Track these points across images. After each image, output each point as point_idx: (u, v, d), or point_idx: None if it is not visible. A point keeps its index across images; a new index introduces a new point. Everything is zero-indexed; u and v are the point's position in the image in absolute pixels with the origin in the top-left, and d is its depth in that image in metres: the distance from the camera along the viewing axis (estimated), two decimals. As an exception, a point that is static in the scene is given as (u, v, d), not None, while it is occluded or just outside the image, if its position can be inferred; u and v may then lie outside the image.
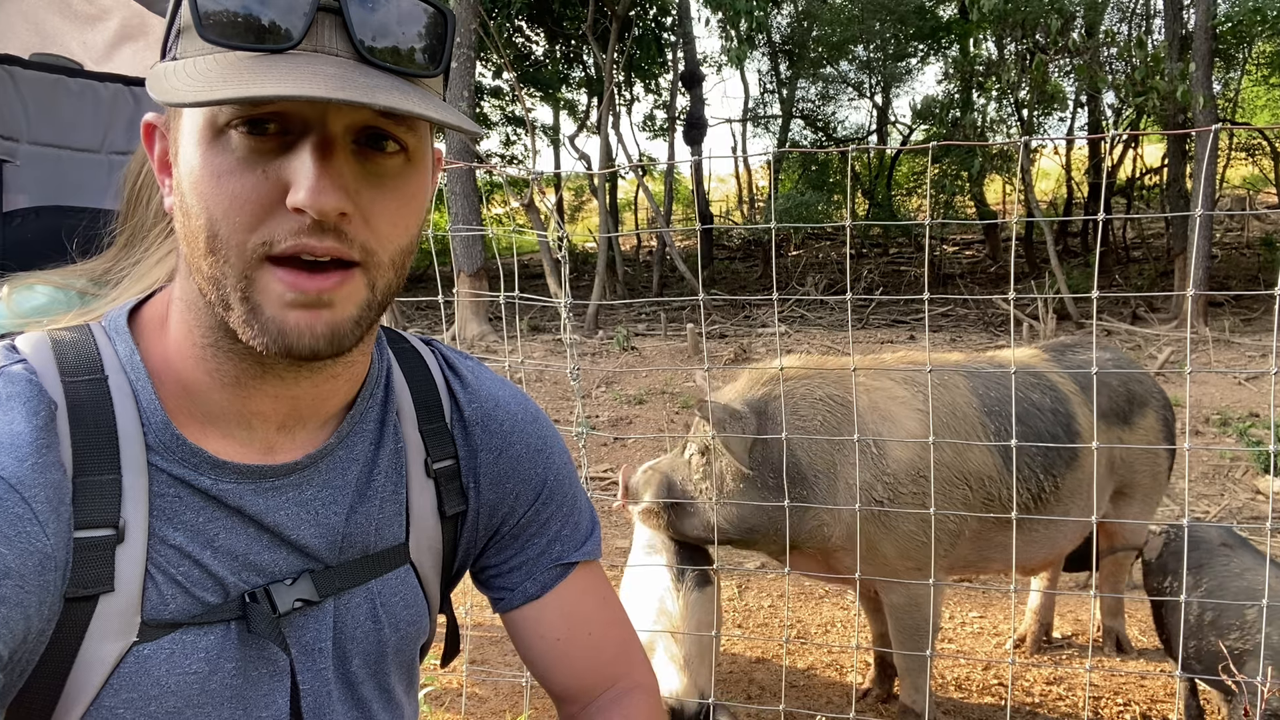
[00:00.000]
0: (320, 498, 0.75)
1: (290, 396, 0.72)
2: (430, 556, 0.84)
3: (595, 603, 0.92)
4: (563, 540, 0.90)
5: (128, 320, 0.72)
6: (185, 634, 0.69)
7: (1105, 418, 3.23)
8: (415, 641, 0.85)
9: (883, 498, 2.75)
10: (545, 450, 0.90)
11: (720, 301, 12.46)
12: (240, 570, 0.71)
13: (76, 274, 0.83)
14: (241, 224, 0.61)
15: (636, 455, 6.75)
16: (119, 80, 1.30)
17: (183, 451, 0.69)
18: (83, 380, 0.68)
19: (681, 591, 2.80)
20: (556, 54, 18.52)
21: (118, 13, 1.36)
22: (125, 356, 0.70)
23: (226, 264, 0.62)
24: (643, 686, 0.95)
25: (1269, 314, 10.57)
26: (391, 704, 0.84)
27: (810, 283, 14.11)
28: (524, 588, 0.89)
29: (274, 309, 0.62)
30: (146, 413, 0.69)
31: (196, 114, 0.62)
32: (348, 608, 0.78)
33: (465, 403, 0.86)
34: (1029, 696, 3.31)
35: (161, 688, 0.68)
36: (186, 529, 0.69)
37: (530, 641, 0.90)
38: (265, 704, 0.73)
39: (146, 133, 0.70)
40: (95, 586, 0.65)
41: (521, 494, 0.88)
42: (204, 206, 0.62)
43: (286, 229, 0.61)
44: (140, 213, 0.80)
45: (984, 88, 14.79)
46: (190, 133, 0.63)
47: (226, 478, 0.70)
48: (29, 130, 1.20)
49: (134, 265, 0.78)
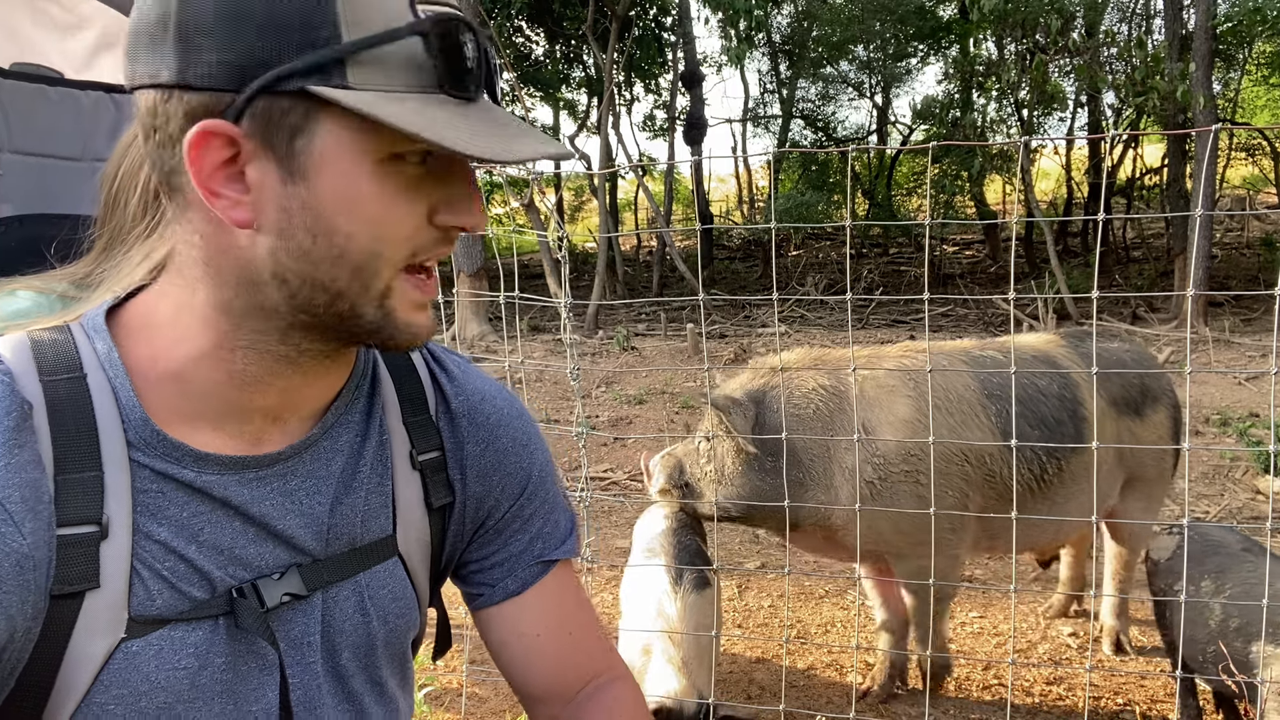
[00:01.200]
0: (305, 488, 0.75)
1: (295, 388, 0.73)
2: (418, 549, 0.84)
3: (573, 601, 0.93)
4: (544, 538, 0.91)
5: (106, 319, 0.72)
6: (173, 630, 0.69)
7: (1116, 405, 3.26)
8: (405, 635, 0.85)
9: (873, 479, 2.92)
10: (530, 445, 0.91)
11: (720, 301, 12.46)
12: (227, 565, 0.72)
13: (57, 278, 0.83)
14: (401, 242, 0.67)
15: (636, 455, 6.75)
16: (100, 88, 1.30)
17: (164, 446, 0.69)
18: (62, 379, 0.68)
19: (680, 594, 2.81)
20: (556, 54, 18.52)
21: (97, 21, 1.36)
22: (104, 354, 0.70)
23: (375, 278, 0.67)
24: (623, 677, 0.96)
25: (1269, 314, 10.57)
26: (384, 697, 0.84)
27: (810, 283, 14.11)
28: (504, 584, 0.89)
29: (406, 313, 0.69)
30: (126, 409, 0.69)
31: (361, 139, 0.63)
32: (336, 601, 0.78)
33: (452, 395, 0.87)
34: (1029, 696, 3.31)
35: (151, 684, 0.68)
36: (171, 524, 0.69)
37: (507, 639, 0.90)
38: (255, 698, 0.74)
39: (204, 139, 0.63)
40: (80, 583, 0.66)
41: (507, 488, 0.89)
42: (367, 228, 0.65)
43: (432, 242, 0.68)
44: (119, 215, 0.79)
45: (984, 88, 14.78)
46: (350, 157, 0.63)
47: (210, 469, 0.71)
48: (10, 139, 1.20)
49: (114, 268, 0.78)
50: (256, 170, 0.64)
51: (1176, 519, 5.29)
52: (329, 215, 0.64)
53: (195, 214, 0.67)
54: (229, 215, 0.65)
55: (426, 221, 0.67)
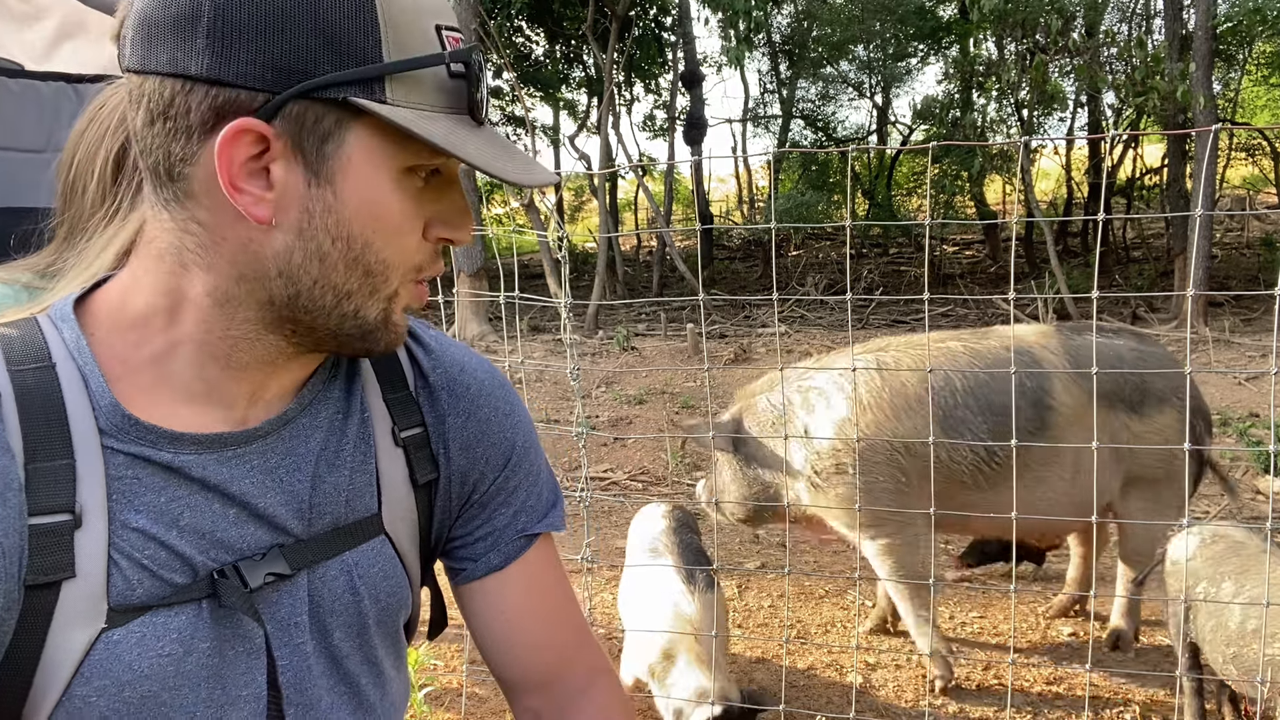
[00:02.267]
0: (284, 465, 0.75)
1: (278, 370, 0.75)
2: (406, 527, 0.84)
3: (555, 577, 0.92)
4: (528, 511, 0.90)
5: (75, 308, 0.72)
6: (155, 616, 0.68)
7: (1108, 399, 3.26)
8: (397, 613, 0.84)
9: (812, 473, 3.32)
10: (512, 415, 0.90)
11: (720, 301, 12.46)
12: (208, 549, 0.71)
13: (20, 269, 0.82)
14: (409, 252, 0.71)
15: (636, 455, 6.75)
16: (61, 78, 1.29)
17: (137, 430, 0.69)
18: (29, 368, 0.68)
19: (696, 593, 2.82)
20: (556, 54, 18.52)
21: (56, 11, 1.35)
22: (73, 344, 0.70)
23: (385, 283, 0.71)
24: (605, 671, 0.95)
25: (1269, 314, 10.57)
26: (380, 677, 0.84)
27: (810, 283, 14.11)
28: (488, 558, 0.89)
29: (400, 316, 0.74)
30: (96, 396, 0.69)
31: (388, 151, 0.67)
32: (323, 580, 0.77)
33: (429, 369, 0.86)
34: (1029, 697, 3.31)
35: (134, 672, 0.67)
36: (149, 511, 0.69)
37: (490, 617, 0.90)
38: (244, 682, 0.73)
39: (238, 135, 0.63)
40: (55, 573, 0.65)
41: (491, 459, 0.88)
42: (384, 236, 0.69)
43: (429, 254, 0.73)
44: (77, 203, 0.79)
45: (984, 88, 14.78)
46: (374, 168, 0.67)
47: (187, 449, 0.70)
48: None
49: (77, 255, 0.77)
50: (282, 169, 0.65)
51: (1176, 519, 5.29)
52: (350, 220, 0.67)
53: (198, 204, 0.67)
54: (250, 211, 0.65)
55: (424, 233, 0.72)
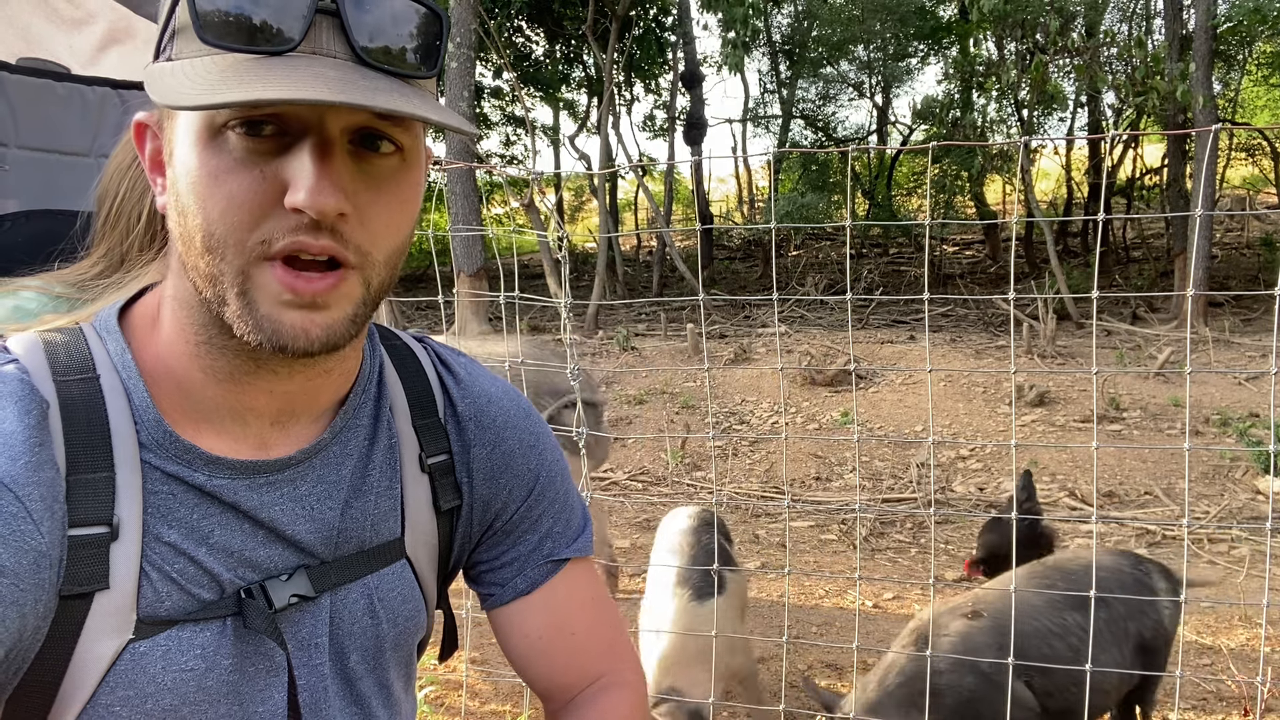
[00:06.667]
0: (315, 493, 0.75)
1: (284, 392, 0.72)
2: (426, 551, 0.84)
3: (583, 600, 0.92)
4: (554, 537, 0.91)
5: (118, 319, 0.72)
6: (181, 630, 0.69)
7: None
8: (413, 636, 0.85)
9: None
10: (538, 446, 0.91)
11: (720, 301, 12.46)
12: (236, 567, 0.71)
13: (54, 279, 0.83)
14: (240, 223, 0.62)
15: (636, 455, 6.75)
16: (106, 84, 1.30)
17: (176, 448, 0.69)
18: (75, 379, 0.68)
19: (679, 595, 2.84)
20: (556, 54, 18.51)
21: (104, 16, 1.36)
22: (117, 355, 0.70)
23: (224, 261, 0.62)
24: (626, 684, 0.95)
25: (1269, 314, 10.57)
26: (390, 700, 0.84)
27: (810, 283, 14.09)
28: (514, 584, 0.89)
29: (269, 307, 0.63)
30: (139, 410, 0.69)
31: (194, 115, 0.62)
32: (344, 603, 0.78)
33: (459, 398, 0.86)
34: (1029, 696, 3.30)
35: (158, 685, 0.68)
36: (181, 526, 0.69)
37: (515, 639, 0.90)
38: (262, 700, 0.73)
39: (138, 131, 0.70)
40: (90, 584, 0.65)
41: (515, 489, 0.88)
42: (201, 206, 0.62)
43: (284, 228, 0.61)
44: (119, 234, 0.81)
45: (984, 88, 14.78)
46: (187, 133, 0.63)
47: (220, 474, 0.70)
48: (17, 135, 1.21)
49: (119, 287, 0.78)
50: (166, 157, 0.67)
51: (1176, 519, 5.30)
52: (182, 193, 0.64)
53: None
54: (158, 202, 0.69)
55: (276, 203, 0.61)
